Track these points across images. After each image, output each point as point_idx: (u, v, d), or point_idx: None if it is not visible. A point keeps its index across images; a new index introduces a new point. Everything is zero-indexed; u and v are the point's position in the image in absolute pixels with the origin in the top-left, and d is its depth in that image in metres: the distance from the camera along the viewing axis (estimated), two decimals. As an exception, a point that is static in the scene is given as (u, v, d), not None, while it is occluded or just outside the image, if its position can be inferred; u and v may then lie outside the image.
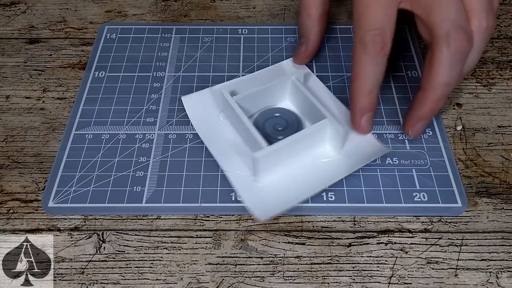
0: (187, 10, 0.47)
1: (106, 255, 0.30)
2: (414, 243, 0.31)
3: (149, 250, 0.30)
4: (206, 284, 0.29)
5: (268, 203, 0.31)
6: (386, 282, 0.29)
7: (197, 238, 0.31)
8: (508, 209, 0.32)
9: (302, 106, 0.36)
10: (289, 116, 0.36)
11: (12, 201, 0.33)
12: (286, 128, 0.35)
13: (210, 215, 0.32)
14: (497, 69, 0.41)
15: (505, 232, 0.31)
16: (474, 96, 0.39)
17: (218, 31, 0.44)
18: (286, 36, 0.43)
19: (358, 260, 0.30)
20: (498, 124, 0.37)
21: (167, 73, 0.40)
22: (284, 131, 0.35)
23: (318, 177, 0.33)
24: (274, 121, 0.35)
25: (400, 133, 0.36)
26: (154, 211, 0.32)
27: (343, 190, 0.33)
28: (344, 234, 0.31)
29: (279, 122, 0.35)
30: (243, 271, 0.30)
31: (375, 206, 0.32)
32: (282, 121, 0.35)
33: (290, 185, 0.32)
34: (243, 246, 0.31)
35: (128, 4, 0.47)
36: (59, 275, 0.29)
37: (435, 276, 0.29)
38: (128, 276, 0.29)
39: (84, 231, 0.31)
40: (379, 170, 0.34)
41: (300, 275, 0.29)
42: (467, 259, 0.30)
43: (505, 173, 0.34)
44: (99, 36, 0.43)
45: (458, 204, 0.32)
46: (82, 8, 0.47)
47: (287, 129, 0.35)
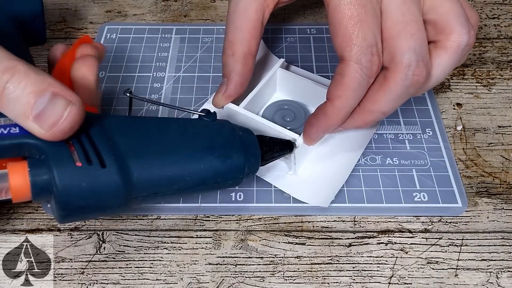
0: (187, 10, 0.47)
1: (106, 255, 0.30)
2: (414, 243, 0.31)
3: (149, 250, 0.30)
4: (206, 284, 0.29)
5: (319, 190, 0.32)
6: (386, 282, 0.29)
7: (197, 238, 0.31)
8: (508, 209, 0.32)
9: (300, 92, 0.36)
10: (295, 106, 0.36)
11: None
12: (295, 119, 0.35)
13: (210, 215, 0.32)
14: (497, 69, 0.41)
15: (505, 232, 0.31)
16: (474, 96, 0.39)
17: (218, 31, 0.44)
18: (286, 36, 0.43)
19: (358, 260, 0.30)
20: (498, 124, 0.37)
21: (167, 73, 0.40)
22: (293, 121, 0.35)
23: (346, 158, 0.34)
24: (282, 113, 0.36)
25: (400, 133, 0.36)
26: (154, 211, 0.32)
27: (343, 190, 0.33)
28: (344, 234, 0.31)
29: (286, 113, 0.36)
30: (243, 271, 0.30)
31: (375, 206, 0.32)
32: (290, 112, 0.36)
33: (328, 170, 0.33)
34: (243, 246, 0.31)
35: (128, 4, 0.47)
36: (59, 275, 0.29)
37: (435, 276, 0.29)
38: (128, 276, 0.29)
39: (84, 231, 0.31)
40: (379, 170, 0.34)
41: (300, 275, 0.29)
42: (467, 259, 0.30)
43: (505, 173, 0.34)
44: (99, 36, 0.43)
45: (458, 204, 0.32)
46: (82, 8, 0.47)
47: (297, 119, 0.35)
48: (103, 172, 0.23)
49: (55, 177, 0.23)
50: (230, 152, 0.27)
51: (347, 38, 0.27)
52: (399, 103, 0.29)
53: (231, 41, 0.33)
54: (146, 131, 0.26)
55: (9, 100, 0.22)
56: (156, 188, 0.25)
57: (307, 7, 0.47)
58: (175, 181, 0.26)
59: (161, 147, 0.26)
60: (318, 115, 0.30)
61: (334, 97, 0.29)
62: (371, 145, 0.35)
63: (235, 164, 0.27)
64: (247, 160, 0.28)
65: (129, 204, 0.25)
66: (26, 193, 0.23)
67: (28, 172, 0.23)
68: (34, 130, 0.23)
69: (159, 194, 0.26)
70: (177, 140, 0.27)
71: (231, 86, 0.33)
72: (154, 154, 0.25)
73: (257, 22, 0.33)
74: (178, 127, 0.27)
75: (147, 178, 0.25)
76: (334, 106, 0.29)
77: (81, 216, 0.25)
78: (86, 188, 0.23)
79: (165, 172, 0.25)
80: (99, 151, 0.24)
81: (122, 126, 0.26)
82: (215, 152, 0.27)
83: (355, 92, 0.28)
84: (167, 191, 0.26)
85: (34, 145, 0.23)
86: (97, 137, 0.24)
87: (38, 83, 0.22)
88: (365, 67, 0.27)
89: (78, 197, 0.23)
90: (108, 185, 0.23)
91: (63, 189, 0.23)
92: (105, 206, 0.24)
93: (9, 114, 0.23)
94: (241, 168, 0.28)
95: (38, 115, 0.22)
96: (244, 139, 0.28)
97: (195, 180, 0.26)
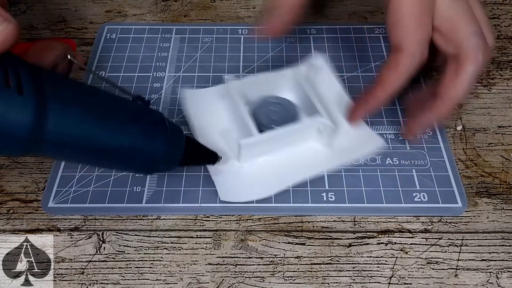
0: (187, 10, 0.47)
1: (106, 255, 0.30)
2: (414, 243, 0.31)
3: (149, 250, 0.30)
4: (206, 284, 0.29)
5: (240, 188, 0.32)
6: (386, 282, 0.29)
7: (197, 238, 0.31)
8: (508, 209, 0.32)
9: (302, 98, 0.36)
10: (288, 108, 0.36)
11: (12, 201, 0.33)
12: (281, 119, 0.35)
13: (210, 215, 0.32)
14: (497, 69, 0.41)
15: (505, 232, 0.31)
16: (474, 96, 0.39)
17: (218, 31, 0.44)
18: (286, 36, 0.43)
19: (358, 260, 0.30)
20: (498, 124, 0.37)
21: (167, 73, 0.40)
22: (279, 121, 0.35)
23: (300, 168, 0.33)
24: (272, 110, 0.36)
25: (401, 133, 0.36)
26: (154, 211, 0.32)
27: (343, 190, 0.33)
28: (344, 234, 0.31)
29: (276, 112, 0.36)
30: (243, 271, 0.30)
31: (375, 206, 0.32)
32: (280, 112, 0.36)
33: (271, 174, 0.33)
34: (243, 246, 0.31)
35: (128, 4, 0.47)
36: (59, 275, 0.29)
37: (435, 276, 0.29)
38: (128, 276, 0.29)
39: (84, 231, 0.31)
40: (379, 170, 0.34)
41: (300, 275, 0.29)
42: (467, 259, 0.30)
43: (505, 173, 0.34)
44: (99, 36, 0.43)
45: (458, 204, 0.32)
46: (82, 8, 0.47)
47: (283, 120, 0.35)
48: (18, 98, 0.22)
49: None
50: (154, 132, 0.27)
51: (406, 33, 0.30)
52: (472, 83, 0.31)
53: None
54: (77, 88, 0.25)
55: None
56: (68, 138, 0.24)
57: (307, 7, 0.47)
58: (90, 136, 0.24)
59: (87, 103, 0.25)
60: (367, 97, 0.34)
61: (386, 81, 0.32)
62: (371, 145, 0.35)
63: (155, 146, 0.27)
64: (168, 148, 0.27)
65: (35, 148, 0.23)
66: None
67: None
68: None
69: (68, 147, 0.24)
70: (106, 105, 0.26)
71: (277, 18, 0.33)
72: (78, 105, 0.24)
73: None
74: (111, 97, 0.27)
75: (62, 122, 0.23)
76: (386, 89, 0.32)
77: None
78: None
79: (83, 123, 0.24)
80: (20, 79, 0.22)
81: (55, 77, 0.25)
82: (139, 126, 0.26)
83: (404, 78, 0.31)
84: (78, 145, 0.24)
85: None
86: (24, 70, 0.23)
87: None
88: (418, 57, 0.31)
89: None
90: (19, 114, 0.22)
91: None
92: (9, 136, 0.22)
93: None
94: (159, 154, 0.27)
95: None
96: (172, 130, 0.28)
97: (111, 144, 0.25)
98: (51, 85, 0.23)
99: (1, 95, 0.21)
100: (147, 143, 0.26)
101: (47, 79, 0.23)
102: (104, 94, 0.27)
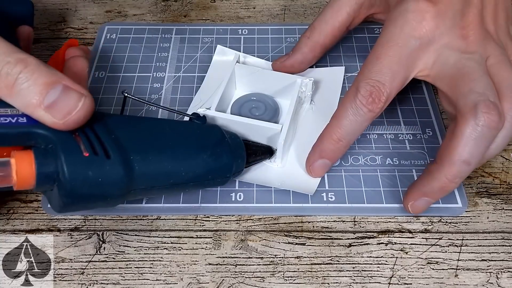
0: (187, 10, 0.47)
1: (106, 255, 0.30)
2: (414, 244, 0.31)
3: (149, 250, 0.30)
4: (206, 284, 0.29)
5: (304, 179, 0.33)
6: (386, 282, 0.29)
7: (197, 238, 0.31)
8: (508, 210, 0.32)
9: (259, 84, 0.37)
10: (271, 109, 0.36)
11: (12, 201, 0.33)
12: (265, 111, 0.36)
13: (210, 215, 0.32)
14: (497, 69, 0.41)
15: (505, 233, 0.31)
16: (474, 96, 0.39)
17: (218, 31, 0.44)
18: (286, 36, 0.43)
19: (358, 261, 0.30)
20: (498, 124, 0.37)
21: (167, 73, 0.40)
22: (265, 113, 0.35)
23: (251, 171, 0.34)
24: (257, 107, 0.36)
25: (400, 133, 0.36)
26: (154, 211, 0.32)
27: (343, 190, 0.33)
28: (344, 234, 0.31)
29: (260, 110, 0.36)
30: (243, 271, 0.30)
31: (375, 206, 0.32)
32: (265, 111, 0.36)
33: None
34: (243, 246, 0.31)
35: (128, 4, 0.47)
36: (59, 275, 0.29)
37: (435, 277, 0.29)
38: (128, 277, 0.29)
39: (84, 232, 0.31)
40: (379, 170, 0.34)
41: (300, 276, 0.29)
42: (467, 259, 0.30)
43: (505, 174, 0.34)
44: (99, 36, 0.43)
45: (458, 205, 0.32)
46: (82, 8, 0.47)
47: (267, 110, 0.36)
48: (108, 162, 0.24)
49: (64, 165, 0.23)
50: (220, 152, 0.29)
51: None
52: (479, 149, 0.27)
53: (314, 27, 0.37)
54: (145, 129, 0.28)
55: (21, 90, 0.23)
56: (154, 181, 0.27)
57: (307, 7, 0.47)
58: (171, 175, 0.27)
59: (159, 144, 0.27)
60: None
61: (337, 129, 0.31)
62: (371, 145, 0.35)
63: (225, 163, 0.29)
64: (235, 161, 0.30)
65: (127, 196, 0.26)
66: (30, 181, 0.24)
67: (34, 161, 0.23)
68: (45, 120, 0.24)
69: (155, 188, 0.27)
70: (173, 139, 0.28)
71: (290, 60, 0.38)
72: (153, 149, 0.27)
73: (343, 25, 0.36)
74: (173, 127, 0.29)
75: (146, 171, 0.26)
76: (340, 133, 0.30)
77: (83, 205, 0.26)
78: (92, 177, 0.24)
79: (163, 166, 0.27)
80: (103, 143, 0.25)
81: (122, 123, 0.27)
82: (207, 151, 0.29)
83: None
84: (163, 185, 0.27)
85: (42, 135, 0.24)
86: (100, 131, 0.25)
87: (50, 76, 0.24)
88: None
89: (84, 186, 0.24)
90: (112, 175, 0.25)
91: (71, 176, 0.23)
92: (107, 195, 0.25)
93: (18, 103, 0.24)
94: (230, 167, 0.30)
95: (50, 105, 0.23)
96: (232, 142, 0.30)
97: (189, 175, 0.28)
98: (125, 137, 0.26)
99: (94, 163, 0.24)
100: (217, 165, 0.29)
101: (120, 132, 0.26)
102: (166, 125, 0.29)
